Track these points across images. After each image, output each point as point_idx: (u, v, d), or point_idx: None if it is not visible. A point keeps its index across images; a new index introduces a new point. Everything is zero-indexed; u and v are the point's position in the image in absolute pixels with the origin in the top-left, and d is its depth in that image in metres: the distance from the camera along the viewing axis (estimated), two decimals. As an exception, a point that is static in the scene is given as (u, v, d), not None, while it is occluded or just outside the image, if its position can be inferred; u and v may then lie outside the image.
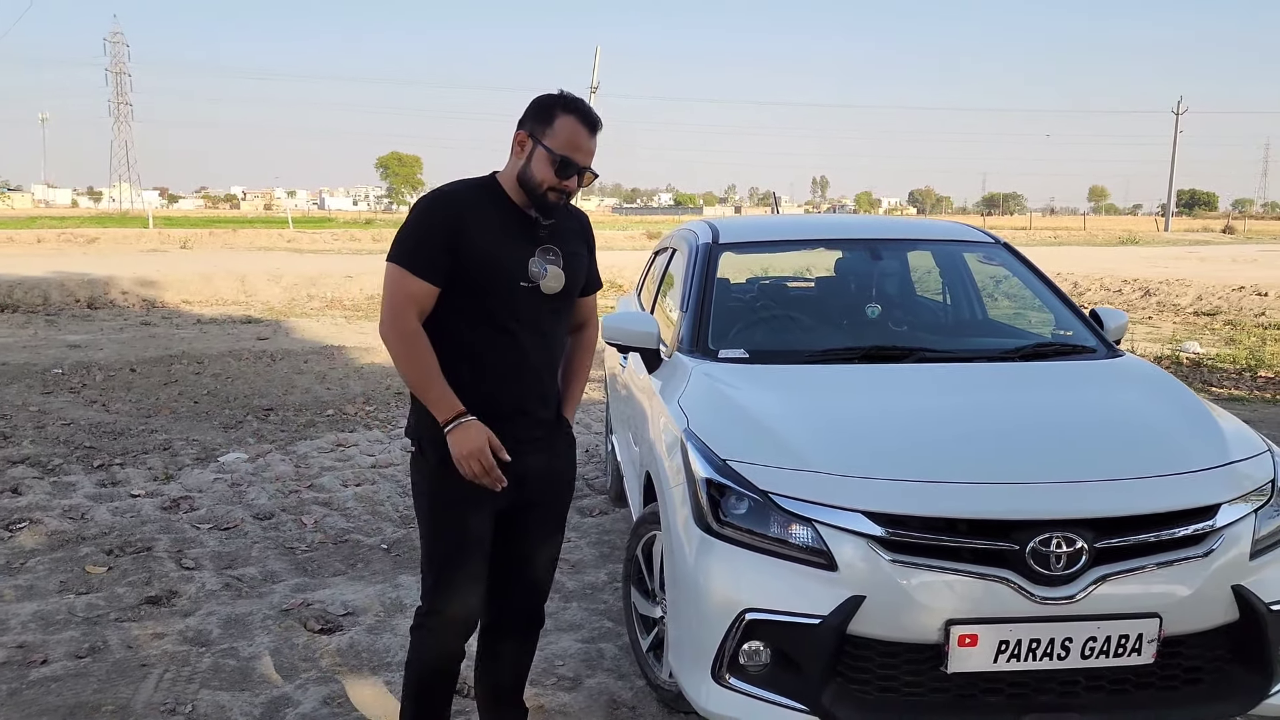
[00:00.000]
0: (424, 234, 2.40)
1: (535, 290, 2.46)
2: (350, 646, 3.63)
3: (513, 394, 2.50)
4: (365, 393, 8.52)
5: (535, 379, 2.53)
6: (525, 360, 2.49)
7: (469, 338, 2.45)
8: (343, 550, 4.70)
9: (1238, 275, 18.83)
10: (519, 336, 2.47)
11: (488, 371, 2.47)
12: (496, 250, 2.42)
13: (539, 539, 2.69)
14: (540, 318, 2.50)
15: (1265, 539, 2.67)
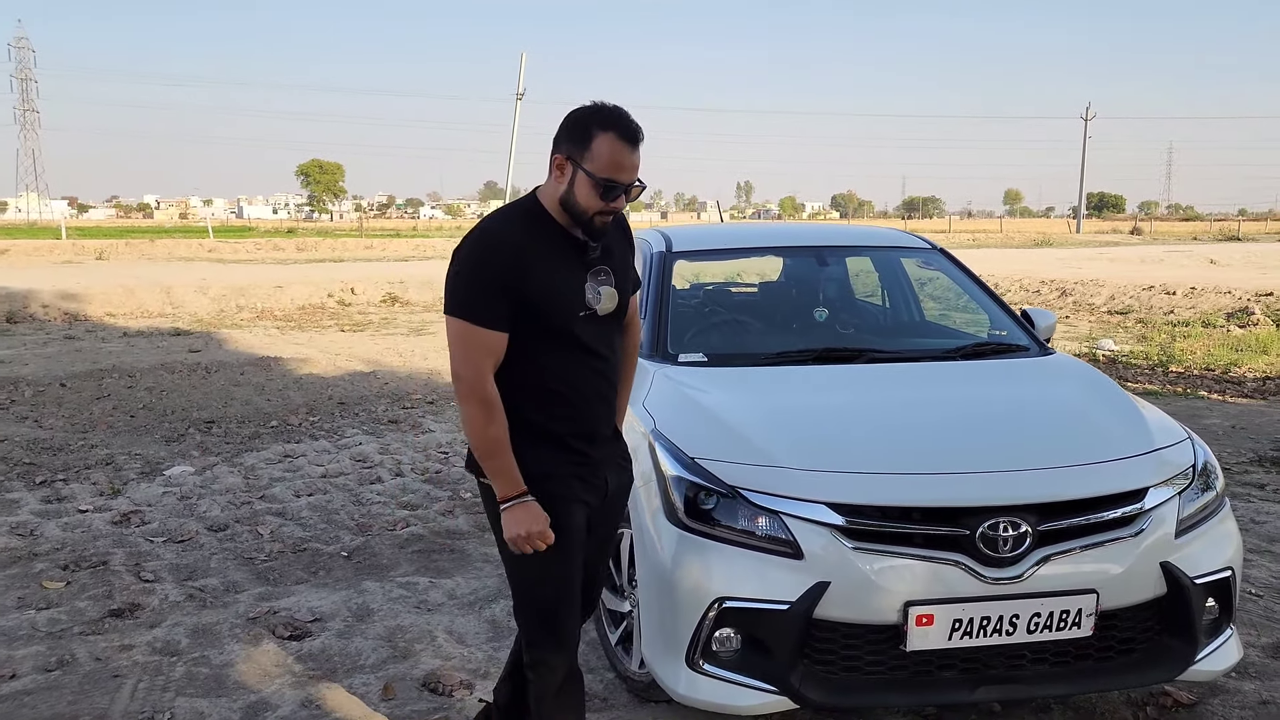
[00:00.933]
0: (485, 282, 2.29)
1: (593, 316, 2.40)
2: (322, 651, 3.70)
3: (587, 421, 2.46)
4: (307, 403, 8.49)
5: (605, 402, 2.51)
6: (593, 386, 2.45)
7: (538, 373, 2.38)
8: (303, 559, 4.74)
9: (1147, 275, 19.64)
10: (590, 366, 2.43)
11: (566, 407, 2.42)
12: (554, 285, 2.34)
13: (606, 539, 2.68)
14: (600, 341, 2.44)
15: (1188, 519, 2.92)
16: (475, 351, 2.30)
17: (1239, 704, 3.26)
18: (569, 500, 2.45)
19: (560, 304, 2.35)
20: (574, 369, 2.42)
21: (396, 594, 4.24)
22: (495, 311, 2.29)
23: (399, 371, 10.17)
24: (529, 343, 2.36)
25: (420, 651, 3.70)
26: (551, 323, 2.35)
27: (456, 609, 4.11)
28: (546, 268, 2.33)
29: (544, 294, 2.32)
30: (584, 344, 2.40)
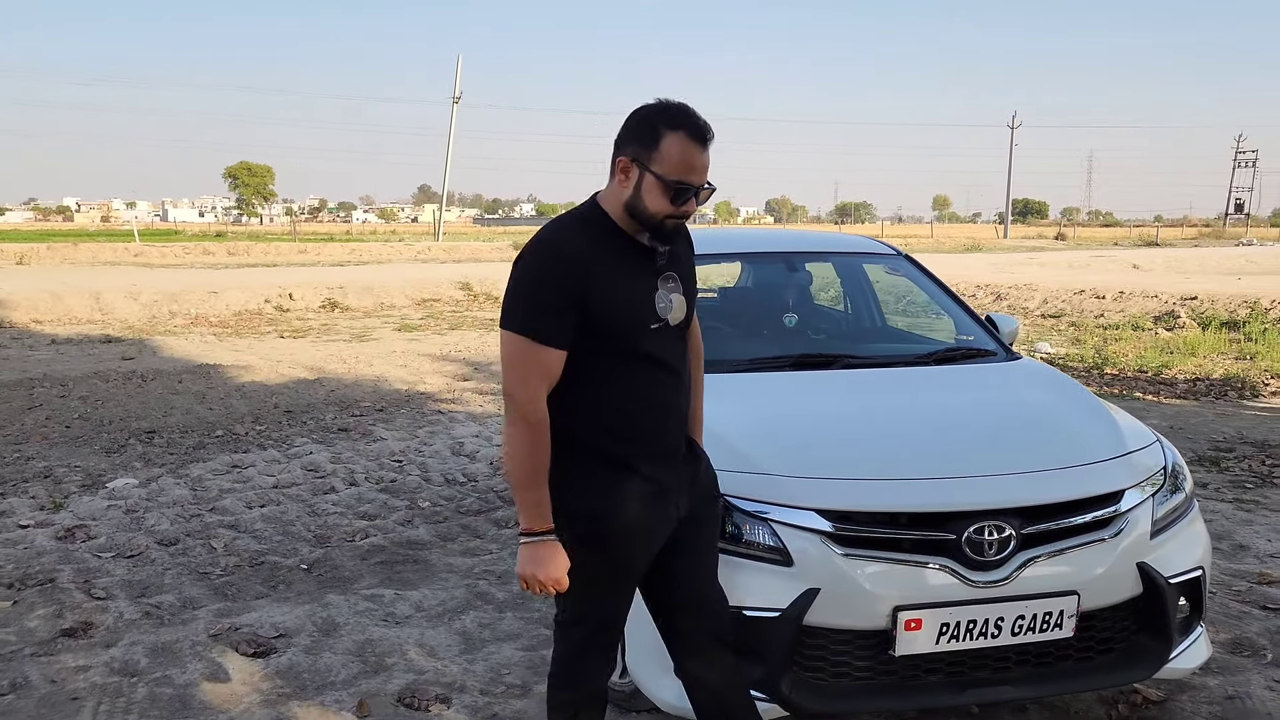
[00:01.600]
0: (543, 294, 2.14)
1: (664, 326, 2.27)
2: (290, 668, 3.60)
3: (663, 441, 2.32)
4: (252, 412, 8.29)
5: (678, 419, 2.37)
6: (666, 402, 2.31)
7: (606, 393, 2.24)
8: (261, 572, 4.62)
9: (1076, 280, 20.15)
10: (660, 380, 2.29)
11: (635, 426, 2.27)
12: (621, 295, 2.19)
13: (707, 566, 2.50)
14: (671, 353, 2.31)
15: (1161, 519, 2.99)
16: (531, 370, 2.16)
17: (1206, 699, 3.34)
18: (630, 533, 2.29)
19: (629, 315, 2.21)
20: (645, 385, 2.27)
21: (362, 607, 4.15)
22: (554, 327, 2.14)
23: (345, 379, 10.00)
24: (595, 360, 2.21)
25: (393, 666, 3.62)
26: (619, 336, 2.21)
27: (425, 621, 4.03)
28: (612, 277, 2.18)
29: (610, 306, 2.17)
30: (655, 357, 2.26)
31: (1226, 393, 9.20)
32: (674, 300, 2.29)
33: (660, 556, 2.38)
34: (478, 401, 8.92)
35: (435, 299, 19.10)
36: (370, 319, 16.11)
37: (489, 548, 4.98)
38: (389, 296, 18.65)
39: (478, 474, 6.40)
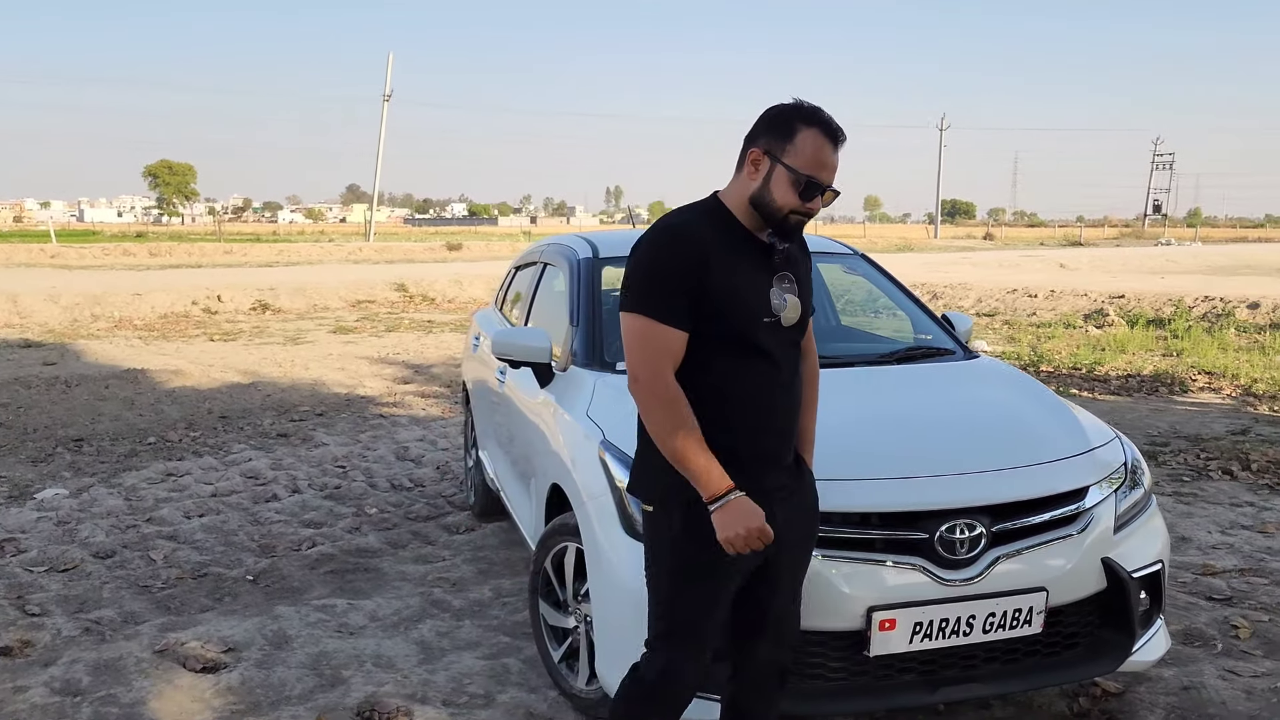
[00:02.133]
0: (665, 276, 2.16)
1: (777, 324, 2.24)
2: (242, 684, 3.47)
3: (766, 441, 2.28)
4: (185, 418, 8.05)
5: (788, 422, 2.33)
6: (776, 402, 2.28)
7: (716, 381, 2.22)
8: (205, 584, 4.47)
9: (1008, 279, 20.59)
10: (768, 377, 2.25)
11: (738, 419, 2.24)
12: (739, 286, 2.19)
13: (789, 589, 2.45)
14: (783, 353, 2.27)
15: (1124, 515, 3.03)
16: (653, 350, 2.16)
17: (1163, 690, 3.40)
18: None
19: (743, 306, 2.20)
20: (756, 380, 2.24)
21: (314, 618, 4.03)
22: (675, 308, 2.15)
23: (280, 382, 9.76)
24: (708, 348, 2.20)
25: (350, 678, 3.52)
26: (733, 326, 2.20)
27: (381, 631, 3.93)
28: (730, 267, 2.19)
29: (727, 293, 2.17)
30: (767, 353, 2.24)
31: (1157, 389, 9.45)
32: (789, 300, 2.27)
33: (752, 575, 2.33)
34: (420, 405, 8.78)
35: (370, 300, 18.81)
36: (304, 321, 15.79)
37: (441, 554, 4.88)
38: (322, 298, 18.31)
39: (425, 479, 6.29)
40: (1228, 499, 5.72)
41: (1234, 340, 12.40)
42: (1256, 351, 11.47)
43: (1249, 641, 3.79)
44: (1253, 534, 5.10)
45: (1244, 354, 11.33)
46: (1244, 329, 13.35)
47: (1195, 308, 14.82)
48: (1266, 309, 14.06)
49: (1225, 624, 3.94)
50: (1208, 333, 13.00)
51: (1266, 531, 5.12)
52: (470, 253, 38.97)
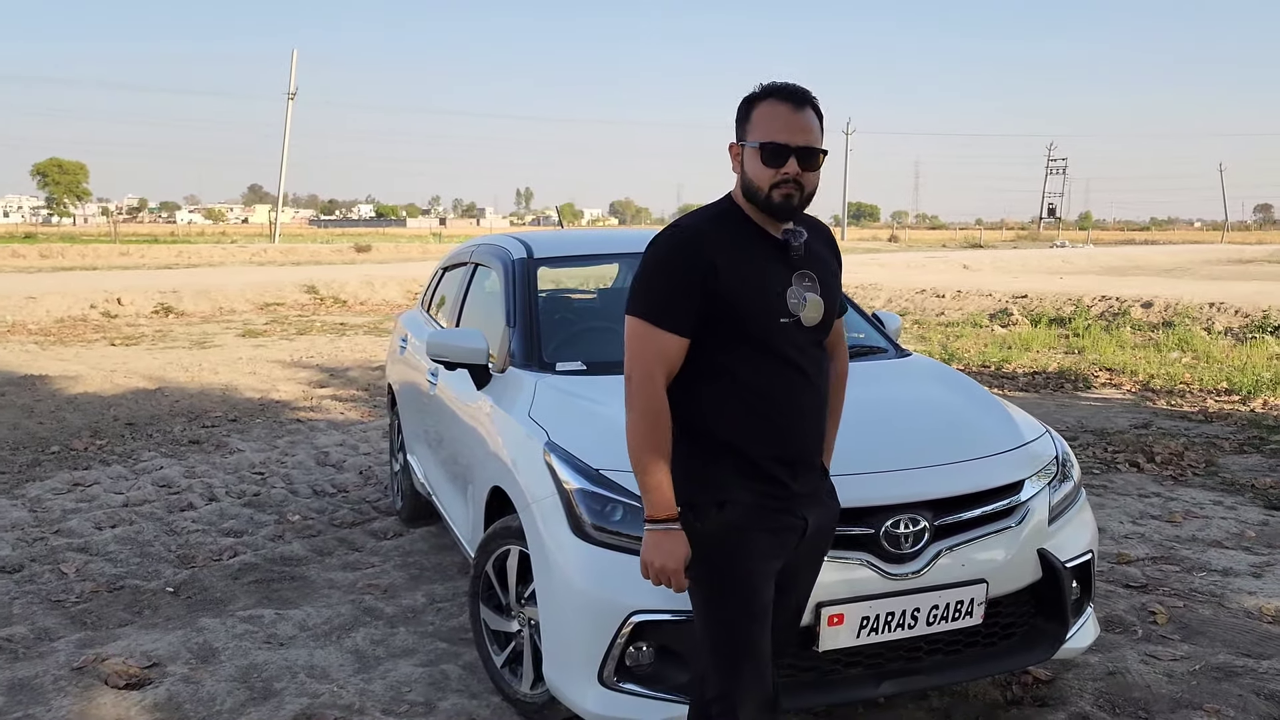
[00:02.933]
0: (670, 279, 2.13)
1: (797, 324, 2.17)
2: (169, 700, 3.34)
3: (792, 444, 2.21)
4: (90, 425, 7.72)
5: (814, 426, 2.25)
6: (799, 404, 2.20)
7: (737, 386, 2.17)
8: (122, 598, 4.29)
9: (915, 280, 21.08)
10: (790, 379, 2.19)
11: (763, 423, 2.18)
12: (751, 284, 2.14)
13: (801, 596, 2.40)
14: (805, 354, 2.20)
15: (1057, 506, 3.12)
16: (647, 354, 2.14)
17: (1090, 676, 3.51)
18: (751, 530, 2.19)
19: (758, 305, 2.14)
20: (777, 383, 2.18)
21: (240, 630, 3.90)
22: (676, 313, 2.12)
23: (188, 388, 9.45)
24: (726, 351, 2.16)
25: (282, 691, 3.41)
26: (748, 327, 2.14)
27: (312, 641, 3.83)
28: (743, 265, 2.14)
29: (740, 293, 2.12)
30: (787, 355, 2.17)
31: (1062, 385, 9.78)
32: (809, 299, 2.19)
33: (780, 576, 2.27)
34: (338, 409, 8.59)
35: (279, 303, 18.34)
36: (209, 324, 15.31)
37: (370, 560, 4.78)
38: (228, 301, 17.79)
39: (348, 484, 6.15)
40: (1136, 490, 5.95)
41: (1130, 338, 12.92)
42: (1151, 349, 11.97)
43: (1166, 627, 3.94)
44: (1161, 524, 5.31)
45: (1140, 351, 11.81)
46: (1139, 327, 13.92)
47: (1093, 307, 15.38)
48: (1159, 308, 14.67)
49: (1144, 610, 4.09)
50: (1106, 331, 13.52)
51: (1174, 521, 5.33)
52: (379, 254, 38.32)
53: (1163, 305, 14.73)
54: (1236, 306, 14.14)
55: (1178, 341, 12.29)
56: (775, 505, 2.20)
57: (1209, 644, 3.78)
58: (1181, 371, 10.18)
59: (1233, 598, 4.24)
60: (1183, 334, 12.75)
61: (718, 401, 2.19)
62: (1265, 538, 5.07)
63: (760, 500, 2.19)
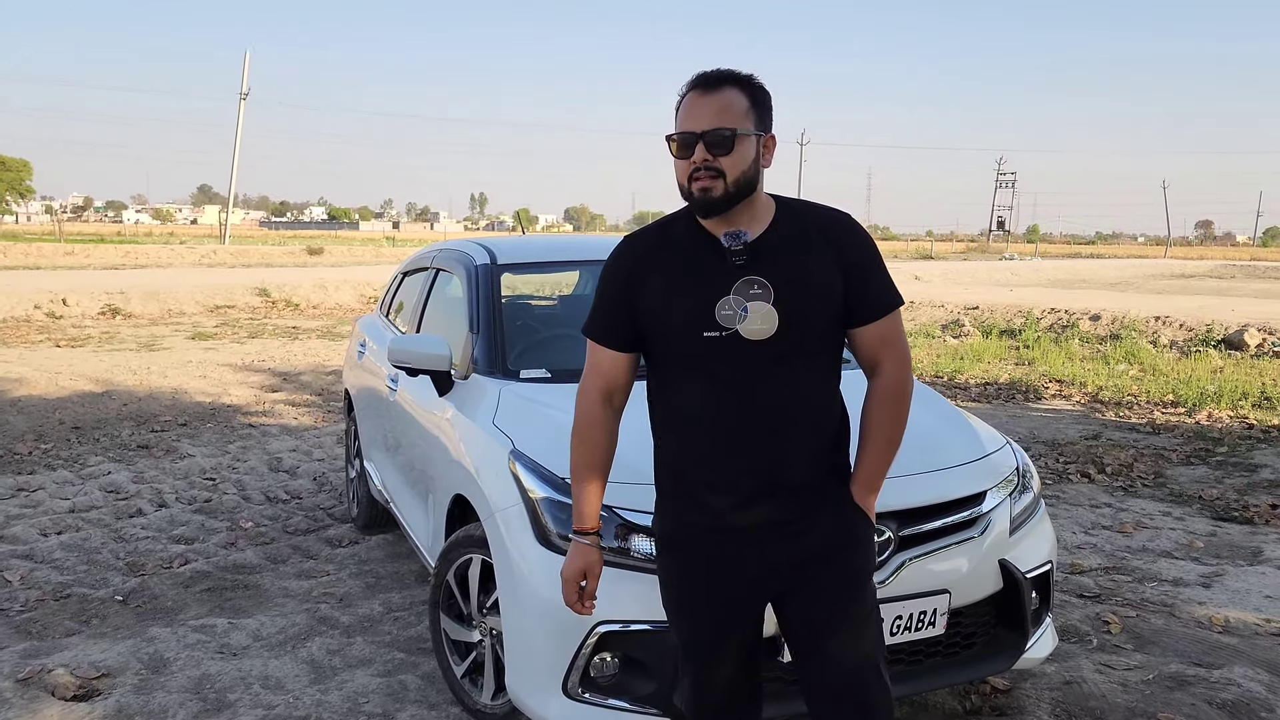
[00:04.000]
0: (601, 294, 2.10)
1: (734, 338, 1.96)
2: (120, 711, 3.25)
3: (723, 470, 2.03)
4: (33, 429, 7.53)
5: (764, 449, 2.01)
6: (725, 424, 2.00)
7: (672, 408, 2.08)
8: (69, 606, 4.18)
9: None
10: (724, 401, 1.99)
11: (686, 445, 2.07)
12: (670, 299, 2.00)
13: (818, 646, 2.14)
14: (741, 368, 1.97)
15: (1018, 517, 3.15)
16: (589, 366, 2.14)
17: (1047, 685, 3.55)
18: (686, 554, 2.13)
19: (678, 321, 1.99)
20: (710, 406, 2.01)
21: (192, 639, 3.81)
22: (606, 327, 2.10)
23: (136, 391, 9.25)
24: (663, 371, 2.08)
25: (236, 702, 3.34)
26: (670, 345, 2.03)
27: (266, 651, 3.75)
28: (669, 279, 2.01)
29: (660, 309, 2.01)
30: (720, 374, 1.98)
31: (1014, 396, 9.92)
32: (752, 309, 1.95)
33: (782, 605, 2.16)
34: (291, 414, 8.46)
35: (230, 305, 18.06)
36: (158, 327, 15.02)
37: (325, 568, 4.70)
38: (177, 303, 17.47)
39: (301, 490, 6.06)
40: (1087, 500, 6.04)
41: (1079, 350, 13.15)
42: (1099, 360, 12.19)
43: (1120, 636, 4.00)
44: (1113, 534, 5.39)
45: (1089, 363, 12.03)
46: (1087, 340, 14.18)
47: (1043, 319, 15.65)
48: (1106, 321, 14.96)
49: (1098, 620, 4.15)
50: (1055, 343, 13.75)
51: (1125, 531, 5.42)
52: (332, 257, 37.87)
53: (1110, 318, 15.02)
54: (1181, 320, 14.47)
55: (1125, 354, 12.53)
56: (718, 539, 2.08)
57: (1162, 653, 3.85)
58: (1129, 383, 10.38)
59: (1183, 608, 4.32)
60: (1130, 346, 13.01)
61: (658, 419, 2.14)
62: (1213, 548, 5.17)
63: (689, 526, 2.11)
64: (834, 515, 2.10)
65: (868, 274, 2.05)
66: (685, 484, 2.09)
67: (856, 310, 2.04)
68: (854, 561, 2.13)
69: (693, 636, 2.20)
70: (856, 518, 2.13)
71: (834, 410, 2.12)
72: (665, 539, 2.18)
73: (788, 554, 2.07)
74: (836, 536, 2.10)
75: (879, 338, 2.07)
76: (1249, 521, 5.65)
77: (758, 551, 2.06)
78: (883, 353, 2.09)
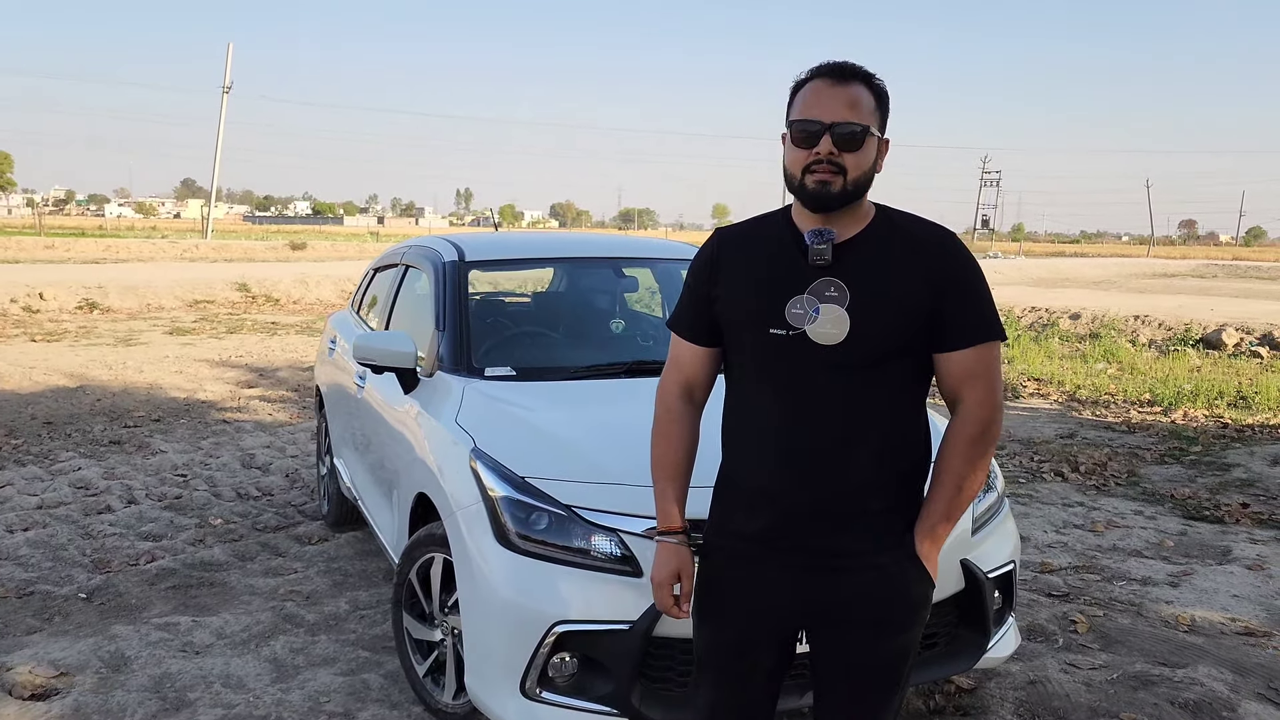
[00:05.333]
0: (686, 284, 2.05)
1: (800, 340, 1.84)
2: (76, 710, 3.22)
3: (756, 474, 1.93)
4: (4, 424, 7.46)
5: (801, 463, 1.87)
6: (770, 427, 1.89)
7: (733, 405, 1.99)
8: (31, 604, 4.14)
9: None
10: (768, 396, 1.90)
11: (741, 454, 1.96)
12: (744, 292, 1.91)
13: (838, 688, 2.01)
14: (812, 378, 1.85)
15: (981, 517, 3.15)
16: (670, 360, 2.09)
17: (1011, 685, 3.56)
18: (724, 564, 2.00)
19: (747, 316, 1.90)
20: (767, 411, 1.90)
21: (155, 637, 3.78)
22: (685, 318, 2.04)
23: (111, 386, 9.18)
24: (732, 370, 2.00)
25: (196, 701, 3.31)
26: (740, 336, 1.93)
27: (229, 649, 3.72)
28: (748, 272, 1.93)
29: (731, 300, 1.94)
30: (781, 378, 1.87)
31: (992, 394, 9.93)
32: (823, 310, 1.83)
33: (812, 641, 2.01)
34: (266, 410, 8.41)
35: (209, 300, 17.94)
36: (136, 321, 14.91)
37: (293, 566, 4.67)
38: (156, 297, 17.35)
39: (273, 487, 6.02)
40: (1060, 499, 6.06)
41: (1059, 349, 13.21)
42: (1078, 359, 12.24)
43: (1086, 635, 4.01)
44: (1084, 533, 5.41)
45: (1068, 361, 12.08)
46: (1066, 338, 14.24)
47: (1024, 318, 15.70)
48: (1086, 320, 15.03)
49: (1064, 619, 4.15)
50: (1035, 341, 13.80)
51: (1096, 530, 5.44)
52: (315, 252, 37.69)
53: (1090, 317, 15.08)
54: (1160, 319, 14.55)
55: (1104, 353, 12.59)
56: (741, 543, 1.97)
57: (1127, 653, 3.86)
58: (1107, 382, 10.43)
59: (1151, 607, 4.33)
60: (1109, 345, 13.07)
61: (725, 422, 2.02)
62: (1183, 548, 5.19)
63: (727, 534, 2.00)
64: (885, 561, 1.91)
65: (964, 297, 1.88)
66: (738, 492, 1.98)
67: (944, 334, 1.87)
68: (897, 637, 1.94)
69: (711, 649, 2.07)
70: (911, 572, 1.92)
71: (906, 441, 1.94)
72: (705, 544, 2.06)
73: (824, 589, 1.92)
74: (883, 588, 1.91)
75: (964, 369, 1.88)
76: (1220, 521, 5.68)
77: (791, 578, 1.93)
78: (966, 387, 1.89)
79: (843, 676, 1.99)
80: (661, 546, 2.06)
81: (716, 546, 2.03)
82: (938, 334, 1.87)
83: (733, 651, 2.04)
